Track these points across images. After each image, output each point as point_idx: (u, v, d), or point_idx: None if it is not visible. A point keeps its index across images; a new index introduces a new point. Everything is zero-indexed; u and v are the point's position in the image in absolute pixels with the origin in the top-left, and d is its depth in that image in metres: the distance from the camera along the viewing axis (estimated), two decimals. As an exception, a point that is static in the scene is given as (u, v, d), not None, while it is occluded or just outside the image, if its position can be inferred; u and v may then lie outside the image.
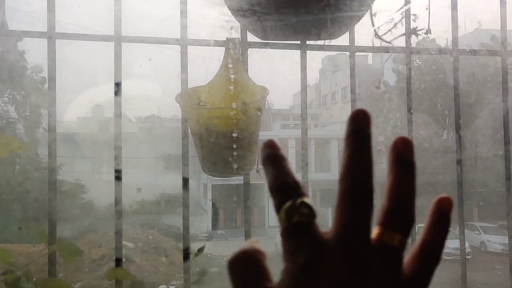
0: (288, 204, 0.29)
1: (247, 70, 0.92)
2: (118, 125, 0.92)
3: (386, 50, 1.06)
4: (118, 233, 0.96)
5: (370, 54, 14.39)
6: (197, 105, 0.87)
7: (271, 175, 0.31)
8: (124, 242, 1.13)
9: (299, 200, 0.30)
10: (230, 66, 0.87)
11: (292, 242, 0.29)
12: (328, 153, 13.47)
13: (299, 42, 0.98)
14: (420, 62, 11.38)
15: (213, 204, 11.82)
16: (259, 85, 0.88)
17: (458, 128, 1.05)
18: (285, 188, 0.31)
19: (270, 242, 9.59)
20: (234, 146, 0.83)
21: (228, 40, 0.88)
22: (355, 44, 1.01)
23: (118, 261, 1.00)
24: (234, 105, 0.83)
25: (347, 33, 1.00)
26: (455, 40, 1.05)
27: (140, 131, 11.15)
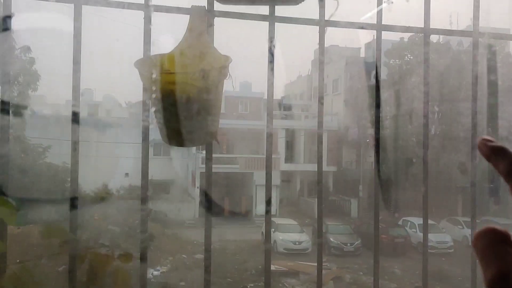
0: None
1: (212, 40, 0.90)
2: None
3: (359, 26, 1.03)
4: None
5: (363, 47, 14.37)
6: (157, 72, 0.84)
7: (508, 161, 0.36)
8: (110, 227, 1.14)
9: None
10: (195, 34, 0.86)
11: None
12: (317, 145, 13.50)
13: (267, 11, 0.95)
14: (411, 57, 11.45)
15: (201, 191, 11.84)
16: (224, 54, 0.87)
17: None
18: None
19: (257, 230, 9.67)
20: (195, 114, 0.82)
21: (194, 7, 0.87)
22: (326, 19, 0.99)
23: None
24: (194, 71, 0.82)
25: (327, 9, 0.97)
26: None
27: (130, 116, 11.07)
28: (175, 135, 0.87)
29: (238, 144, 12.68)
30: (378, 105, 1.04)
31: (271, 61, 0.93)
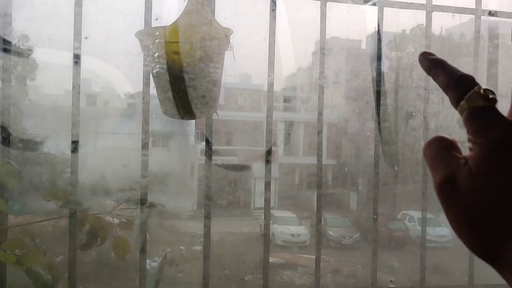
0: (472, 92, 0.35)
1: (214, 12, 0.93)
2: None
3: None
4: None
5: (364, 39, 14.32)
6: (158, 41, 0.86)
7: (446, 73, 0.37)
8: (107, 218, 1.13)
9: (482, 88, 0.35)
10: (196, 5, 0.88)
11: (482, 121, 0.34)
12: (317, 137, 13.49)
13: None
14: (413, 50, 11.39)
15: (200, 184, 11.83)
16: (225, 26, 0.88)
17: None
18: (464, 81, 0.36)
19: (255, 223, 9.69)
20: (196, 85, 0.84)
21: None
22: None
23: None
24: (194, 41, 0.83)
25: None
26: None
27: (128, 107, 11.04)
28: (174, 107, 0.88)
29: (237, 136, 12.66)
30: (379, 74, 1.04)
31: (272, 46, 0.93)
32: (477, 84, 0.36)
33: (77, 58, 0.93)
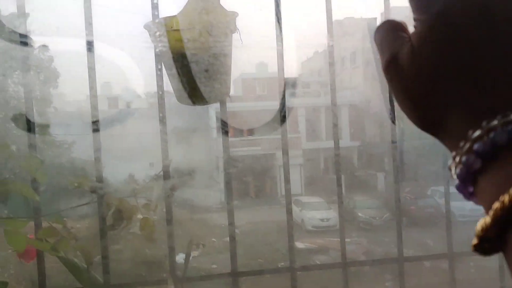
0: None
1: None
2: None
3: None
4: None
5: (379, 16, 14.04)
6: (165, 30, 0.89)
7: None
8: (139, 216, 1.18)
9: None
10: None
11: None
12: (339, 120, 13.38)
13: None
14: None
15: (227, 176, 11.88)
16: (230, 11, 0.90)
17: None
18: None
19: (282, 210, 9.71)
20: (204, 70, 0.86)
21: None
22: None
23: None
24: (200, 26, 0.85)
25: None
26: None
27: (150, 106, 11.17)
28: (185, 93, 0.90)
29: (258, 126, 12.66)
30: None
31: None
32: None
33: (89, 44, 0.98)
